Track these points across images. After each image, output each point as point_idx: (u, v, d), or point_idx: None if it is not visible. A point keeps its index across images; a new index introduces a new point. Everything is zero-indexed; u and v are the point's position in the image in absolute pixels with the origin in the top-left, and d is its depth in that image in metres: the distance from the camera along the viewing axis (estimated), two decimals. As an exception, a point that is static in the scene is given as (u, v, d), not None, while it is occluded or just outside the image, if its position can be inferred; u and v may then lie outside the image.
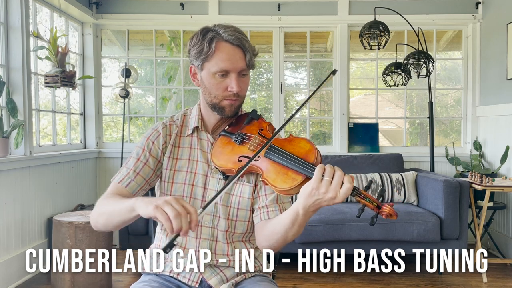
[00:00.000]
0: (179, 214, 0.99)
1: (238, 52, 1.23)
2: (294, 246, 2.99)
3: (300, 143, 1.19)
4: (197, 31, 1.27)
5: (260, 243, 1.27)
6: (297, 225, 1.12)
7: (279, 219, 1.19)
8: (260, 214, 1.27)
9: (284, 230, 1.15)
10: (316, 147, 1.18)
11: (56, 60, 3.23)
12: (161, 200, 1.02)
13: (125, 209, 1.12)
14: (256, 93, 4.61)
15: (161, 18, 4.09)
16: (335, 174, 1.04)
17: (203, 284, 1.29)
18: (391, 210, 1.07)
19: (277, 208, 1.27)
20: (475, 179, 3.14)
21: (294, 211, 1.10)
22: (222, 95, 1.26)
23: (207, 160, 1.31)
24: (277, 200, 1.28)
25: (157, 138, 1.32)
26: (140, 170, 1.28)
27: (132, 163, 1.29)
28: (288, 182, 1.13)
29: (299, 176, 1.12)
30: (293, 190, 1.13)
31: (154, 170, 1.30)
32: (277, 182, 1.14)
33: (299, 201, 1.08)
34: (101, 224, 1.22)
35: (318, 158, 1.15)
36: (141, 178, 1.28)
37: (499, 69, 3.65)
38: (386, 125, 4.73)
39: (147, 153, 1.30)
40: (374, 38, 3.41)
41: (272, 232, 1.20)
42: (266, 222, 1.25)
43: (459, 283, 2.98)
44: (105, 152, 4.11)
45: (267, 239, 1.22)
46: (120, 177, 1.28)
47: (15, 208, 2.90)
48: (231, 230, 1.30)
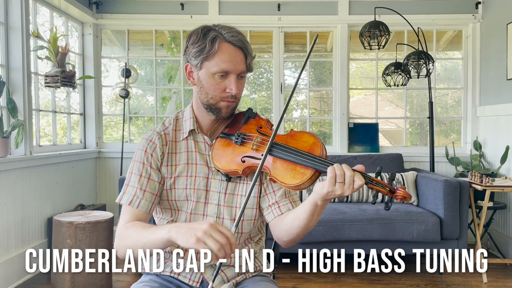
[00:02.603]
0: (222, 246, 1.01)
1: (240, 54, 1.22)
2: (294, 246, 2.97)
3: (303, 137, 1.19)
4: (196, 29, 1.25)
5: (279, 239, 1.27)
6: (317, 214, 1.15)
7: (296, 214, 1.19)
8: (272, 211, 1.27)
9: (305, 223, 1.16)
10: (319, 138, 1.18)
11: (56, 60, 3.23)
12: (200, 232, 1.02)
13: (159, 240, 1.10)
14: (256, 93, 4.61)
15: (161, 18, 4.09)
16: (346, 176, 1.07)
17: (204, 284, 1.29)
18: (405, 193, 1.08)
19: (288, 202, 1.28)
20: (475, 179, 3.14)
21: (313, 203, 1.12)
22: (220, 96, 1.24)
23: (206, 162, 1.30)
24: (285, 194, 1.29)
25: (154, 150, 1.28)
26: (146, 186, 1.26)
27: (136, 180, 1.26)
28: (297, 178, 1.13)
29: (308, 170, 1.12)
30: (303, 185, 1.13)
31: (159, 182, 1.28)
32: (286, 178, 1.14)
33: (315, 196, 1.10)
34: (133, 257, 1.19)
35: (323, 150, 1.15)
36: (149, 194, 1.26)
37: (499, 69, 3.65)
38: (386, 125, 4.73)
39: (148, 167, 1.27)
40: (374, 38, 3.41)
41: (291, 227, 1.20)
42: (280, 218, 1.25)
43: (459, 283, 2.98)
44: (105, 152, 4.11)
45: (287, 234, 1.23)
46: (128, 197, 1.25)
47: (15, 208, 2.90)
48: (239, 231, 1.30)
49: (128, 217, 1.24)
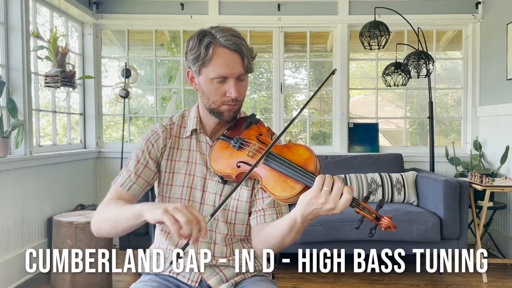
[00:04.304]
0: (189, 221, 1.00)
1: (236, 57, 1.21)
2: (294, 246, 2.98)
3: (299, 151, 1.18)
4: (193, 34, 1.25)
5: (256, 246, 1.27)
6: (294, 231, 1.12)
7: (276, 225, 1.18)
8: (256, 218, 1.27)
9: (281, 236, 1.15)
10: (315, 154, 1.17)
11: (56, 60, 3.23)
12: (171, 206, 1.02)
13: (131, 215, 1.11)
14: (256, 93, 4.61)
15: (161, 18, 4.09)
16: (335, 185, 1.04)
17: (203, 284, 1.29)
18: (390, 222, 1.07)
19: (274, 212, 1.26)
20: (475, 179, 3.14)
21: (292, 219, 1.10)
22: (221, 100, 1.24)
23: (205, 163, 1.30)
24: (273, 203, 1.28)
25: (156, 140, 1.31)
26: (141, 173, 1.27)
27: (133, 165, 1.28)
28: (287, 191, 1.12)
29: (298, 184, 1.11)
30: (292, 198, 1.12)
31: (155, 172, 1.30)
32: (276, 190, 1.14)
33: (297, 208, 1.08)
34: (105, 231, 1.21)
35: (317, 166, 1.14)
36: (142, 181, 1.27)
37: (499, 69, 3.65)
38: (386, 125, 4.73)
39: (147, 155, 1.29)
40: (374, 38, 3.41)
41: (268, 237, 1.20)
42: (262, 226, 1.25)
43: (459, 283, 2.98)
44: (105, 152, 4.11)
45: (264, 243, 1.22)
46: (121, 180, 1.27)
47: (15, 208, 2.90)
48: (231, 233, 1.30)
49: (114, 196, 1.26)
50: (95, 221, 1.22)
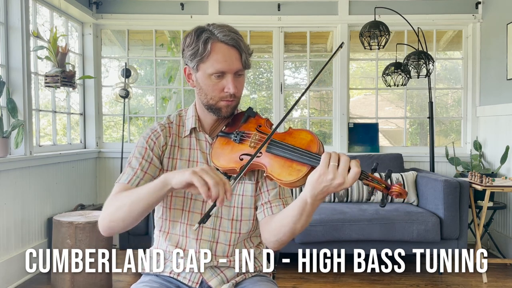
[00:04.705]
0: (217, 183, 1.01)
1: (234, 52, 1.21)
2: (294, 246, 2.99)
3: (301, 135, 1.18)
4: (190, 31, 1.25)
5: (266, 239, 1.25)
6: (306, 215, 1.11)
7: (286, 212, 1.17)
8: (264, 210, 1.27)
9: (293, 222, 1.14)
10: (317, 136, 1.17)
11: (56, 60, 3.23)
12: (198, 168, 1.03)
13: (153, 188, 1.09)
14: (256, 93, 4.61)
15: (161, 18, 4.09)
16: (341, 159, 1.04)
17: (203, 285, 1.29)
18: (400, 189, 1.06)
19: (280, 203, 1.26)
20: (475, 179, 3.14)
21: (302, 201, 1.09)
22: (219, 96, 1.24)
23: (206, 161, 1.30)
24: (279, 195, 1.28)
25: (157, 138, 1.30)
26: (147, 169, 1.25)
27: (137, 162, 1.25)
28: (293, 174, 1.12)
29: (304, 166, 1.11)
30: (299, 181, 1.12)
31: (159, 168, 1.28)
32: (282, 175, 1.14)
33: (307, 189, 1.07)
34: (119, 220, 1.14)
35: (320, 148, 1.14)
36: (149, 176, 1.25)
37: (499, 69, 3.65)
38: (386, 125, 4.74)
39: (150, 152, 1.27)
40: (374, 38, 3.41)
41: (279, 226, 1.19)
42: (270, 218, 1.24)
43: (459, 283, 2.98)
44: (105, 152, 4.11)
45: (275, 233, 1.21)
46: (127, 177, 1.23)
47: (15, 208, 2.90)
48: (237, 232, 1.29)
49: (119, 190, 1.21)
50: (104, 217, 1.17)
